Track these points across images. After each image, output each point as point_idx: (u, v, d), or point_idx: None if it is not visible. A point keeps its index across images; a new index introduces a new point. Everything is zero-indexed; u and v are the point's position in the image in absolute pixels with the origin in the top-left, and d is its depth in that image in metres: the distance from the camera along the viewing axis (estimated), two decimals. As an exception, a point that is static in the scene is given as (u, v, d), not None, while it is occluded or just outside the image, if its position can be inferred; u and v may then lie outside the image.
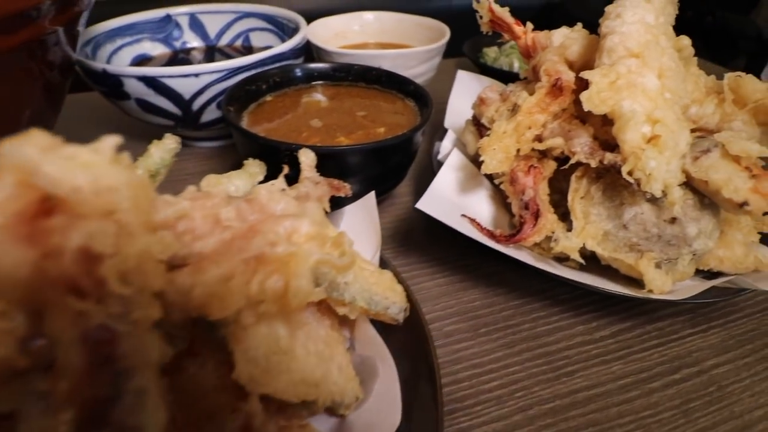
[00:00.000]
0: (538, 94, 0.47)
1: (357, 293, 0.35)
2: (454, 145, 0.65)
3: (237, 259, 0.25)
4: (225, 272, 0.24)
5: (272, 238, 0.26)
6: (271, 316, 0.28)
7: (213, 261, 0.24)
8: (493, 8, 0.59)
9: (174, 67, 0.59)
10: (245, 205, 0.29)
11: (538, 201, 0.45)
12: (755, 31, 2.25)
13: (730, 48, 2.11)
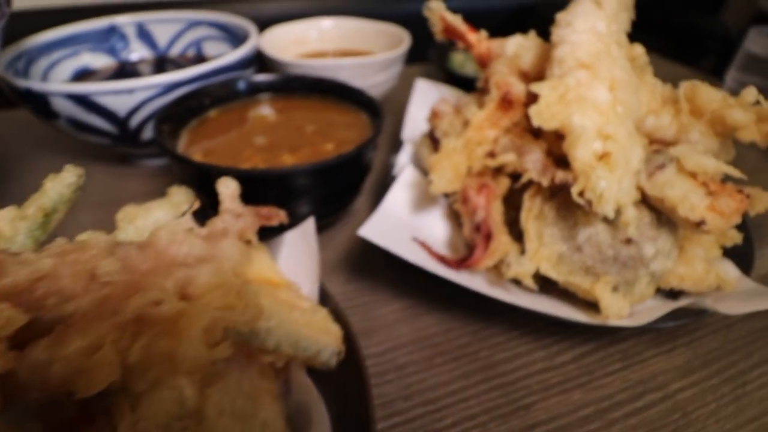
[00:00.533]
0: (487, 108, 0.44)
1: (282, 338, 0.31)
2: (411, 158, 0.62)
3: (109, 323, 0.21)
4: (91, 342, 0.20)
5: (156, 296, 0.22)
6: (169, 377, 0.24)
7: (79, 328, 0.20)
8: (445, 16, 0.56)
9: (105, 83, 0.55)
10: (136, 253, 0.26)
11: (489, 222, 0.42)
12: (723, 30, 2.28)
13: (698, 48, 2.13)
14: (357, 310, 0.51)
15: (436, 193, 0.43)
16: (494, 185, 0.45)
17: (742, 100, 0.41)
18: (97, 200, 0.67)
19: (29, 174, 0.72)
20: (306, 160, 0.52)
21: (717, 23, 2.36)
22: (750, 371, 0.46)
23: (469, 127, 0.44)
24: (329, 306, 0.39)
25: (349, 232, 0.60)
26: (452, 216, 0.52)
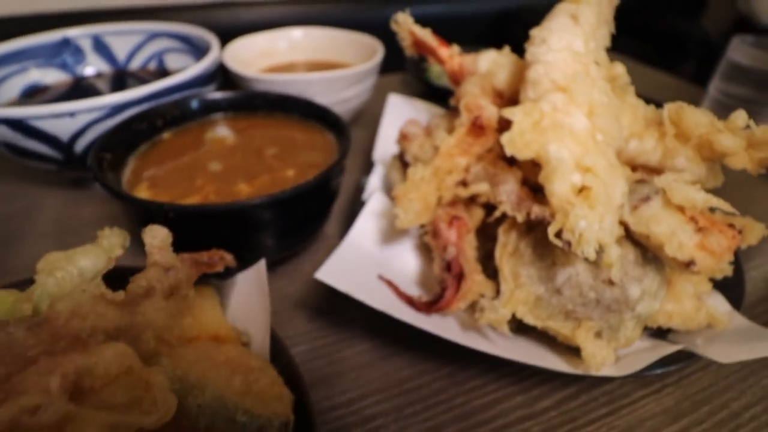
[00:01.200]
0: (457, 134, 0.40)
1: (217, 415, 0.27)
2: (381, 181, 0.58)
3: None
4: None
5: (34, 400, 0.18)
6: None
7: None
8: (414, 30, 0.52)
9: (42, 107, 0.50)
10: (25, 335, 0.21)
11: (461, 260, 0.39)
12: (703, 34, 2.29)
13: (679, 52, 2.14)
14: (321, 351, 0.47)
15: (402, 228, 0.39)
16: (467, 217, 0.41)
17: (731, 124, 0.37)
18: (48, 230, 0.62)
19: None
20: (263, 190, 0.47)
21: (697, 27, 2.37)
22: (742, 413, 0.43)
23: (437, 154, 0.40)
24: (282, 361, 0.35)
25: (316, 262, 0.56)
26: (423, 247, 0.48)
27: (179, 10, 1.79)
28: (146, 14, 1.75)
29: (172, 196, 0.45)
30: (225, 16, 1.84)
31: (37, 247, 0.59)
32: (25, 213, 0.64)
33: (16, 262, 0.57)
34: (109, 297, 0.25)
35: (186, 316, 0.32)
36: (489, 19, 2.29)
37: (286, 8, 1.93)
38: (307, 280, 0.54)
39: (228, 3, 1.84)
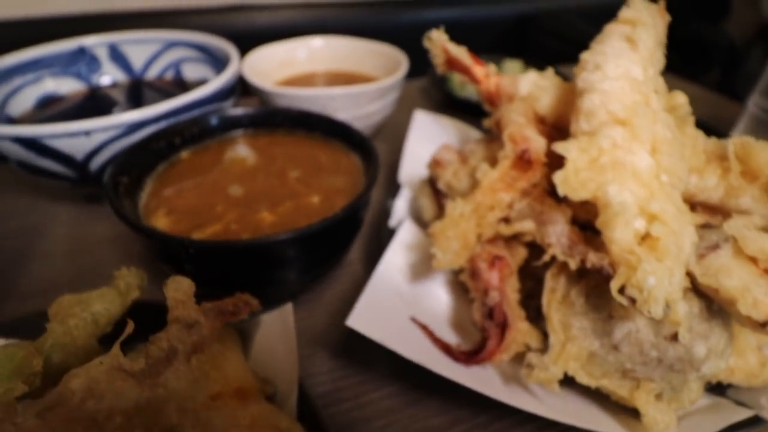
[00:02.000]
0: (501, 167, 0.37)
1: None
2: (409, 205, 0.55)
3: None
4: None
5: None
6: None
7: None
8: (448, 48, 0.49)
9: (58, 125, 0.47)
10: (35, 423, 0.18)
11: (505, 308, 0.35)
12: (728, 41, 2.23)
13: (703, 60, 2.08)
14: (346, 394, 0.44)
15: (439, 268, 0.36)
16: (508, 257, 0.38)
17: (808, 163, 0.34)
18: (60, 248, 0.59)
19: None
20: (287, 218, 0.44)
21: (721, 34, 2.31)
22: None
23: (478, 189, 0.37)
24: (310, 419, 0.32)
25: (337, 291, 0.53)
26: (456, 282, 0.45)
27: (193, 14, 1.77)
28: (159, 18, 1.73)
29: (191, 224, 0.43)
30: (240, 20, 1.82)
31: (48, 267, 0.56)
32: (36, 229, 0.62)
33: (26, 281, 0.54)
34: (128, 368, 0.22)
35: (208, 369, 0.29)
36: (507, 23, 2.25)
37: (301, 12, 1.91)
38: (328, 310, 0.51)
39: (242, 6, 1.82)
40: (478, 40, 2.46)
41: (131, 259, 0.57)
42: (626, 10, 0.41)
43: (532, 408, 0.33)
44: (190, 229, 0.42)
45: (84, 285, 0.54)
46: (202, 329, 0.26)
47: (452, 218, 0.37)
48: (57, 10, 1.59)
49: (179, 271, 0.41)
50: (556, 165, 0.37)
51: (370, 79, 0.84)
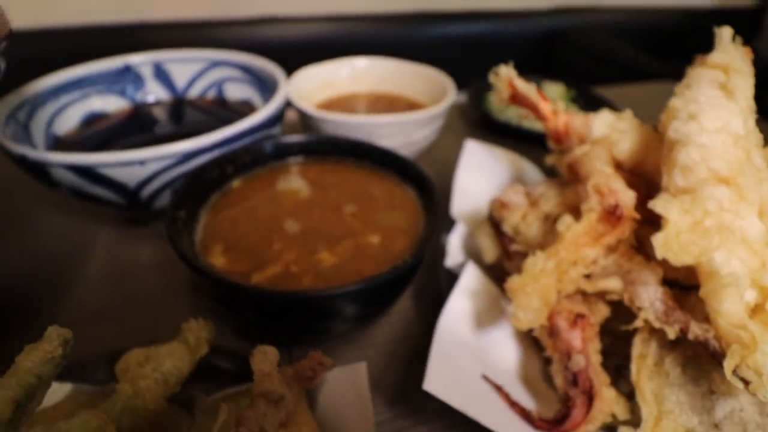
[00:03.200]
0: (586, 221, 0.35)
1: None
2: (463, 242, 0.53)
3: None
4: None
5: None
6: None
7: None
8: (516, 84, 0.47)
9: (113, 154, 0.46)
10: None
11: (591, 374, 0.33)
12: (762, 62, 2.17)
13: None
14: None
15: (519, 328, 0.34)
16: (589, 314, 0.36)
17: None
18: (105, 273, 0.58)
19: (27, 235, 0.64)
20: (347, 259, 0.43)
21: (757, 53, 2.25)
22: None
23: (561, 242, 0.35)
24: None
25: (387, 332, 0.51)
26: (525, 335, 0.43)
27: (225, 25, 1.79)
28: (192, 29, 1.75)
29: (250, 264, 0.41)
30: (271, 31, 1.83)
31: (92, 292, 0.55)
32: (78, 252, 0.61)
33: (70, 306, 0.53)
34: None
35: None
36: (534, 39, 2.23)
37: (330, 25, 1.92)
38: (381, 351, 0.49)
39: (274, 18, 1.83)
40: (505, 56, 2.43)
41: (176, 287, 0.56)
42: (717, 54, 0.39)
43: None
44: (250, 270, 0.41)
45: (128, 313, 0.53)
46: (288, 404, 0.24)
47: (532, 274, 0.35)
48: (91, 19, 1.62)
49: (236, 312, 0.39)
50: (645, 219, 0.35)
51: (412, 102, 0.83)
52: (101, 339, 0.49)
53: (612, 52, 1.99)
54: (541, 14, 2.23)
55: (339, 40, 1.91)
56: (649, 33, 2.32)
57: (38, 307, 0.53)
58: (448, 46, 2.02)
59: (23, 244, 0.63)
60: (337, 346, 0.48)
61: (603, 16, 2.27)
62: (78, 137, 0.67)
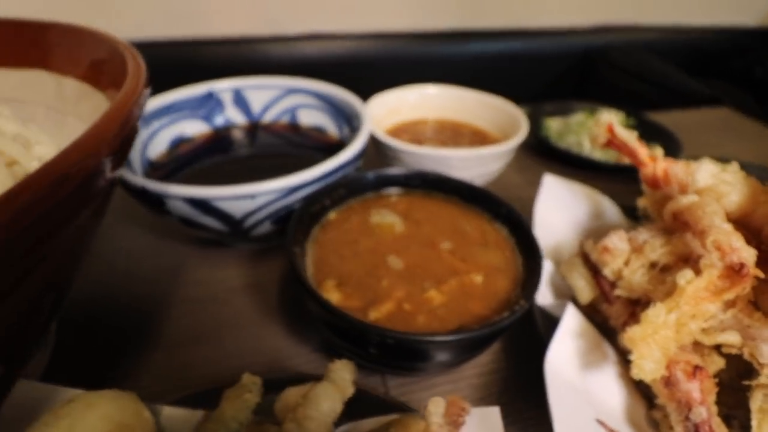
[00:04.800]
0: (707, 277, 0.36)
1: None
2: (550, 278, 0.54)
3: None
4: None
5: None
6: None
7: None
8: (617, 131, 0.48)
9: (228, 188, 0.49)
10: None
11: (714, 427, 0.34)
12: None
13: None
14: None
15: (641, 378, 0.35)
16: (706, 366, 0.37)
17: None
18: (200, 295, 0.61)
19: (107, 252, 0.67)
20: (455, 298, 0.45)
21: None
22: None
23: (681, 296, 0.36)
24: None
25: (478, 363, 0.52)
26: (625, 376, 0.44)
27: (274, 41, 1.84)
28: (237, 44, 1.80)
29: (364, 300, 0.43)
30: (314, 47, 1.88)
31: (189, 315, 0.58)
32: (170, 273, 0.64)
33: (171, 329, 0.56)
34: None
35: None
36: (572, 56, 2.23)
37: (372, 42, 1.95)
38: (472, 384, 0.50)
39: (317, 35, 1.87)
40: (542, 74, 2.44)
41: (270, 310, 0.58)
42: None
43: None
44: (365, 306, 0.43)
45: (224, 336, 0.56)
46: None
47: (654, 325, 0.36)
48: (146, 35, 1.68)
49: (352, 346, 0.41)
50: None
51: (476, 130, 0.85)
52: (204, 362, 0.52)
53: (653, 72, 1.98)
54: (580, 33, 2.23)
55: (379, 56, 1.95)
56: (689, 52, 2.30)
57: (141, 329, 0.56)
58: (487, 64, 2.03)
59: (114, 263, 0.66)
60: (429, 378, 0.50)
61: (642, 35, 2.26)
62: (166, 160, 0.71)
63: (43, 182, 0.22)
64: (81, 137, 0.26)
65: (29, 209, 0.21)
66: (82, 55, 0.52)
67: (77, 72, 0.51)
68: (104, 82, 0.47)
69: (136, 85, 0.33)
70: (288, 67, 1.83)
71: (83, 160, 0.25)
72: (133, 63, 0.37)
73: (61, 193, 0.23)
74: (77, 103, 0.53)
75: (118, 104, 0.30)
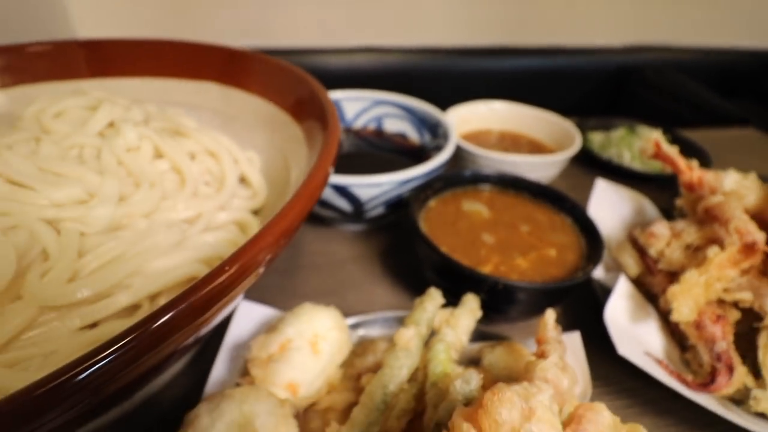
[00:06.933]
0: (730, 251, 0.51)
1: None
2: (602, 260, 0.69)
3: None
4: None
5: None
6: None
7: None
8: (661, 145, 0.63)
9: (363, 177, 0.66)
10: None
11: (731, 353, 0.49)
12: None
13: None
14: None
15: (678, 320, 0.50)
16: (727, 316, 0.51)
17: None
18: (319, 263, 0.77)
19: None
20: (536, 264, 0.60)
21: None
22: None
23: (710, 264, 0.51)
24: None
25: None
26: (663, 329, 0.59)
27: (330, 53, 2.02)
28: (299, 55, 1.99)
29: (471, 262, 0.59)
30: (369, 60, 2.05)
31: (314, 277, 0.75)
32: (294, 246, 0.81)
33: (301, 285, 0.73)
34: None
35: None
36: (606, 74, 2.35)
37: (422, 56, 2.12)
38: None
39: (373, 48, 2.04)
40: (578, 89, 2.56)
41: (377, 276, 0.74)
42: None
43: (757, 428, 0.46)
44: (472, 266, 0.58)
45: (348, 292, 0.72)
46: (563, 345, 0.42)
47: (689, 284, 0.51)
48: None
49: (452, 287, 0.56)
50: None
51: (532, 141, 1.00)
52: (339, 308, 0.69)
53: (685, 91, 2.10)
54: (614, 51, 2.36)
55: (426, 69, 2.12)
56: (720, 73, 2.40)
57: (284, 285, 0.72)
58: (526, 78, 2.18)
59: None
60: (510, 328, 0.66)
61: (675, 55, 2.37)
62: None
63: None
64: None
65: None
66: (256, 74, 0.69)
67: (254, 88, 0.69)
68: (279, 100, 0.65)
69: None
70: (343, 77, 2.02)
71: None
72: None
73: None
74: (245, 110, 0.71)
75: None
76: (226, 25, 1.91)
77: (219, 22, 1.91)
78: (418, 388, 0.39)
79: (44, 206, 0.38)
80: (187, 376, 0.55)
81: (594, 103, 2.36)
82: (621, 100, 2.38)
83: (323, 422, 0.39)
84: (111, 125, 0.53)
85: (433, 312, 0.44)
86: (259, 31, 1.95)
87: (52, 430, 0.22)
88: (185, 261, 0.40)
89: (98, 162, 0.46)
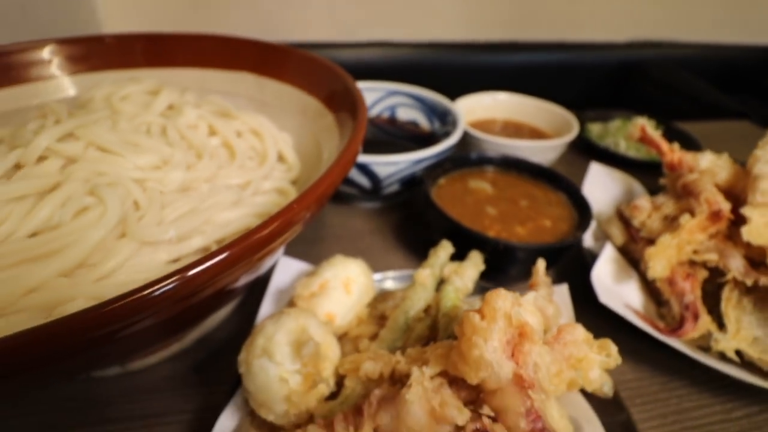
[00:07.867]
0: (699, 218, 0.59)
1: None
2: (593, 232, 0.77)
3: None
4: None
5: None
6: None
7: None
8: (647, 129, 0.72)
9: (382, 157, 0.75)
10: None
11: (697, 304, 0.57)
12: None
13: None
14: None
15: (653, 276, 0.59)
16: (696, 274, 0.60)
17: None
18: (339, 234, 0.87)
19: None
20: (533, 232, 0.69)
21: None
22: None
23: (682, 229, 0.59)
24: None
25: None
26: (643, 288, 0.67)
27: (343, 47, 2.10)
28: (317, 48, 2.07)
29: (476, 228, 0.68)
30: (381, 53, 2.13)
31: (336, 245, 0.84)
32: (319, 221, 0.91)
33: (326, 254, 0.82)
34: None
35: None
36: (610, 69, 2.42)
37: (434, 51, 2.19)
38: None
39: (385, 43, 2.12)
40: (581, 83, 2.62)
41: (392, 246, 0.83)
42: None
43: (709, 362, 0.54)
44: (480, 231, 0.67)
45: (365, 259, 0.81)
46: (550, 288, 0.51)
47: (663, 246, 0.59)
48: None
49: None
50: (733, 221, 0.59)
51: (533, 129, 1.09)
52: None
53: (685, 86, 2.17)
54: (618, 47, 2.42)
55: (435, 63, 2.20)
56: (722, 68, 2.46)
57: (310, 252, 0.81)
58: (531, 73, 2.26)
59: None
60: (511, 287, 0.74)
61: (677, 51, 2.44)
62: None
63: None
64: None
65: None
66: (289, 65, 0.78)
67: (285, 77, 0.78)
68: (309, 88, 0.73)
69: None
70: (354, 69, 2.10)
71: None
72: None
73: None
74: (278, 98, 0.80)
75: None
76: (242, 21, 2.00)
77: (236, 17, 2.00)
78: (432, 320, 0.48)
79: (131, 168, 0.48)
80: (231, 322, 0.65)
81: (598, 98, 2.43)
82: (623, 95, 2.44)
83: (353, 347, 0.48)
84: (170, 107, 0.62)
85: (445, 259, 0.53)
86: (275, 26, 2.04)
87: (144, 329, 0.31)
88: (243, 215, 0.50)
89: (165, 137, 0.55)
